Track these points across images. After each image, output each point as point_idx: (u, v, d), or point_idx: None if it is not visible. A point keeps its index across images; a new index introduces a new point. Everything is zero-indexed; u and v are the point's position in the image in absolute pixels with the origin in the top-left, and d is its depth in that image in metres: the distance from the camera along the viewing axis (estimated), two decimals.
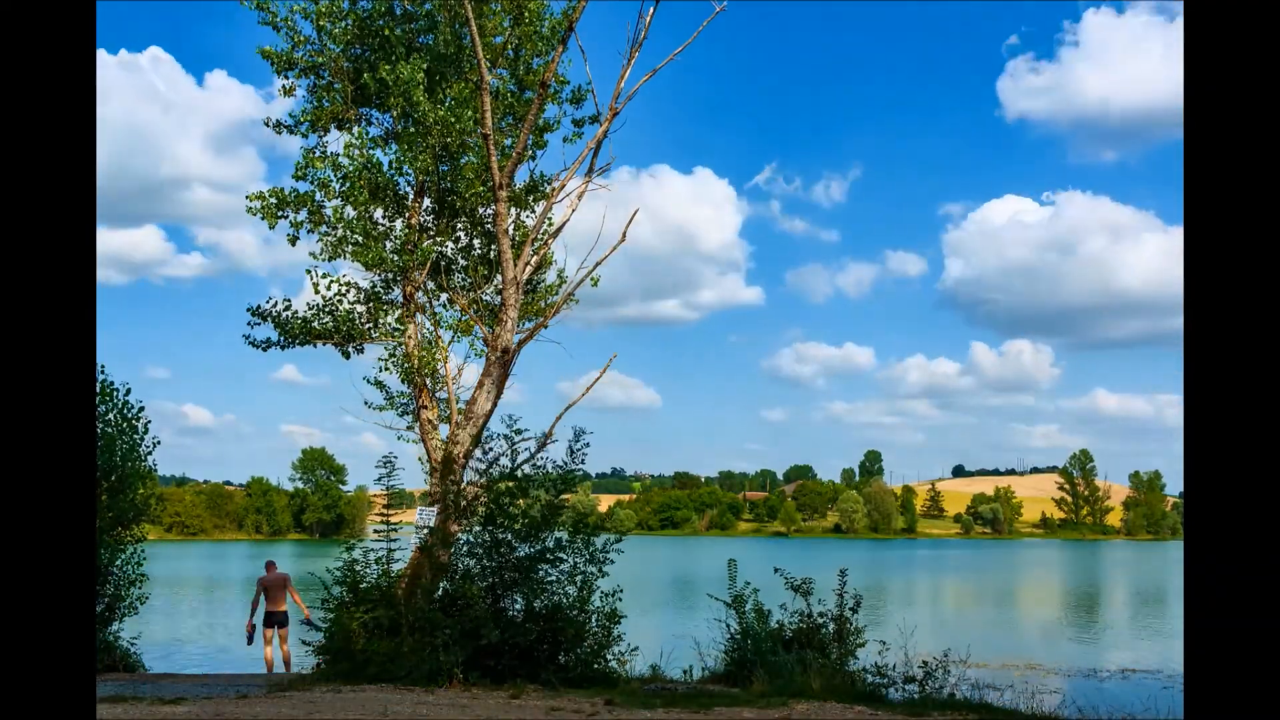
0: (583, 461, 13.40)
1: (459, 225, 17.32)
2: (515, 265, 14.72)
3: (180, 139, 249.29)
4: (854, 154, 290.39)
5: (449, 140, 15.49)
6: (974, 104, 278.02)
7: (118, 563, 16.54)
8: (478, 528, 12.99)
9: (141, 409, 17.35)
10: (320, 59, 16.39)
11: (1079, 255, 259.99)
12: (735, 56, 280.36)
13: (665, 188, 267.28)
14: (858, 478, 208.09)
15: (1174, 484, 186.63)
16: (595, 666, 12.26)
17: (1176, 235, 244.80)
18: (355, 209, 16.62)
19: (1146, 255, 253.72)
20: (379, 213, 16.87)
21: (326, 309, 17.03)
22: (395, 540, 13.28)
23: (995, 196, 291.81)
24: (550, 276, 17.42)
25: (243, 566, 72.97)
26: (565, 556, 12.73)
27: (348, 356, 17.20)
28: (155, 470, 18.05)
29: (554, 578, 12.65)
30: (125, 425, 17.15)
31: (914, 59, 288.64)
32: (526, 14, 16.14)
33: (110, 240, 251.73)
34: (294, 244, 17.00)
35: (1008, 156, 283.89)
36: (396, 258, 16.38)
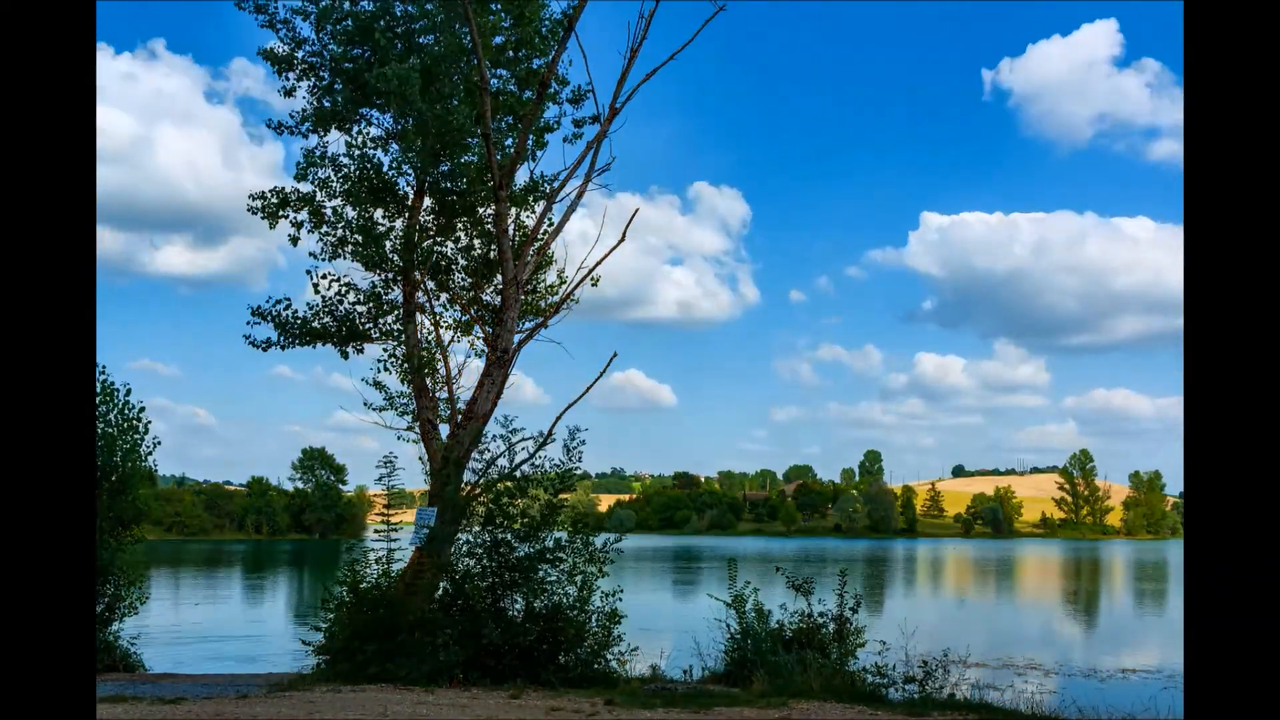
0: (579, 460, 13.43)
1: (459, 225, 17.32)
2: (515, 265, 14.72)
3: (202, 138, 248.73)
4: (851, 158, 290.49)
5: (447, 139, 15.48)
6: (966, 108, 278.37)
7: (118, 563, 16.54)
8: (477, 528, 13.00)
9: (142, 409, 17.35)
10: (320, 59, 16.40)
11: (1072, 258, 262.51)
12: (729, 61, 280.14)
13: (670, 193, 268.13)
14: (858, 478, 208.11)
15: (1174, 484, 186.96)
16: (595, 666, 12.27)
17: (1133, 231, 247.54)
18: (355, 209, 16.63)
19: (1140, 256, 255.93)
20: (379, 213, 16.87)
21: (326, 309, 17.03)
22: (395, 540, 13.29)
23: (992, 199, 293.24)
24: (550, 276, 17.43)
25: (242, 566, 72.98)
26: (565, 556, 12.74)
27: (346, 357, 17.20)
28: (156, 470, 18.03)
29: (554, 578, 12.65)
30: (126, 425, 17.14)
31: (902, 61, 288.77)
32: (526, 14, 16.13)
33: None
34: (295, 244, 17.02)
35: (997, 163, 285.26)
36: (396, 258, 16.37)
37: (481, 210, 17.08)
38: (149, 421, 17.42)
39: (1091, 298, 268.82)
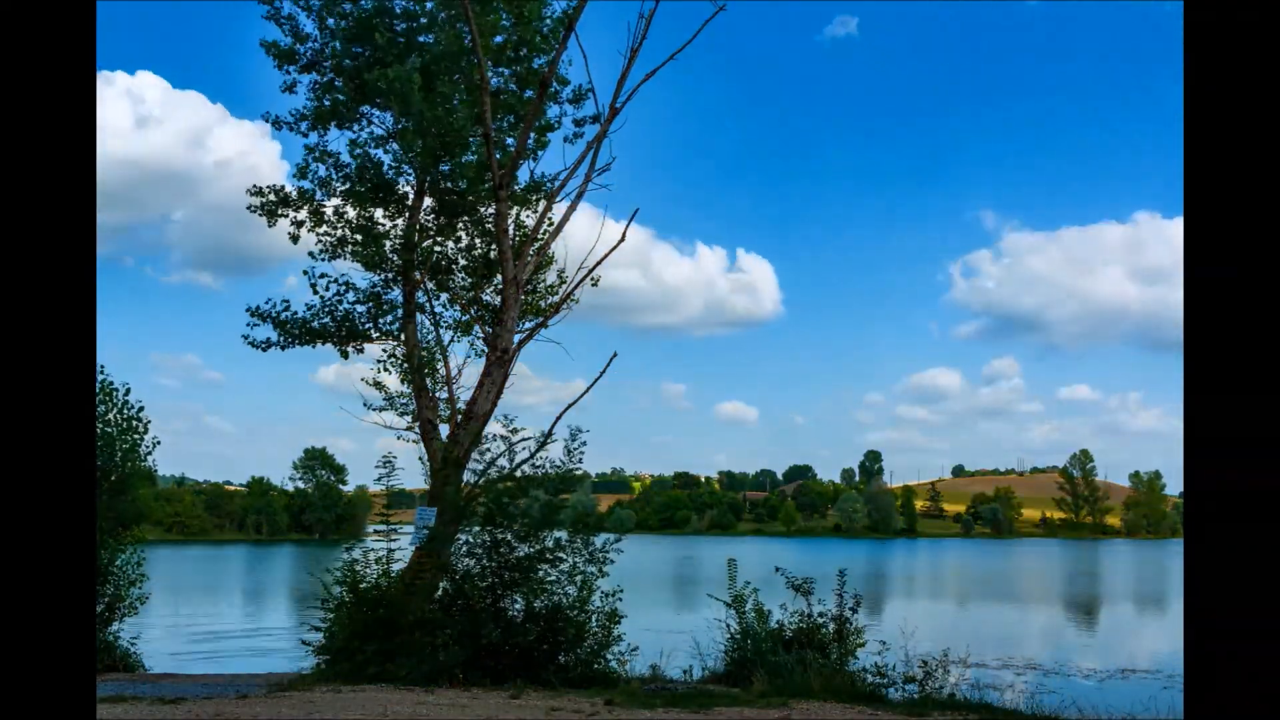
0: (580, 460, 13.44)
1: (459, 225, 17.31)
2: (515, 265, 14.71)
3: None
4: (857, 167, 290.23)
5: (447, 139, 15.48)
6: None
7: (118, 563, 16.54)
8: (477, 528, 12.99)
9: (141, 409, 17.34)
10: (322, 56, 16.39)
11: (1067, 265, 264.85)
12: (734, 63, 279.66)
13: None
14: (858, 478, 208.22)
15: (1174, 484, 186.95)
16: (595, 666, 12.26)
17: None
18: (355, 208, 16.64)
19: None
20: (379, 212, 16.87)
21: (326, 309, 17.03)
22: (395, 540, 13.28)
23: (988, 206, 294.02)
24: (550, 276, 17.42)
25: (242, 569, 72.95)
26: (565, 556, 12.74)
27: (346, 357, 17.22)
28: (155, 470, 18.05)
29: (554, 578, 12.65)
30: (125, 425, 17.14)
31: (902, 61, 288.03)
32: (526, 13, 16.12)
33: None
34: (295, 242, 17.02)
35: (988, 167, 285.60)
36: (396, 257, 16.37)
37: (481, 210, 17.07)
38: (149, 421, 17.44)
39: (1093, 298, 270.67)
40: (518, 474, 13.50)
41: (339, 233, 16.82)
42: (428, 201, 17.05)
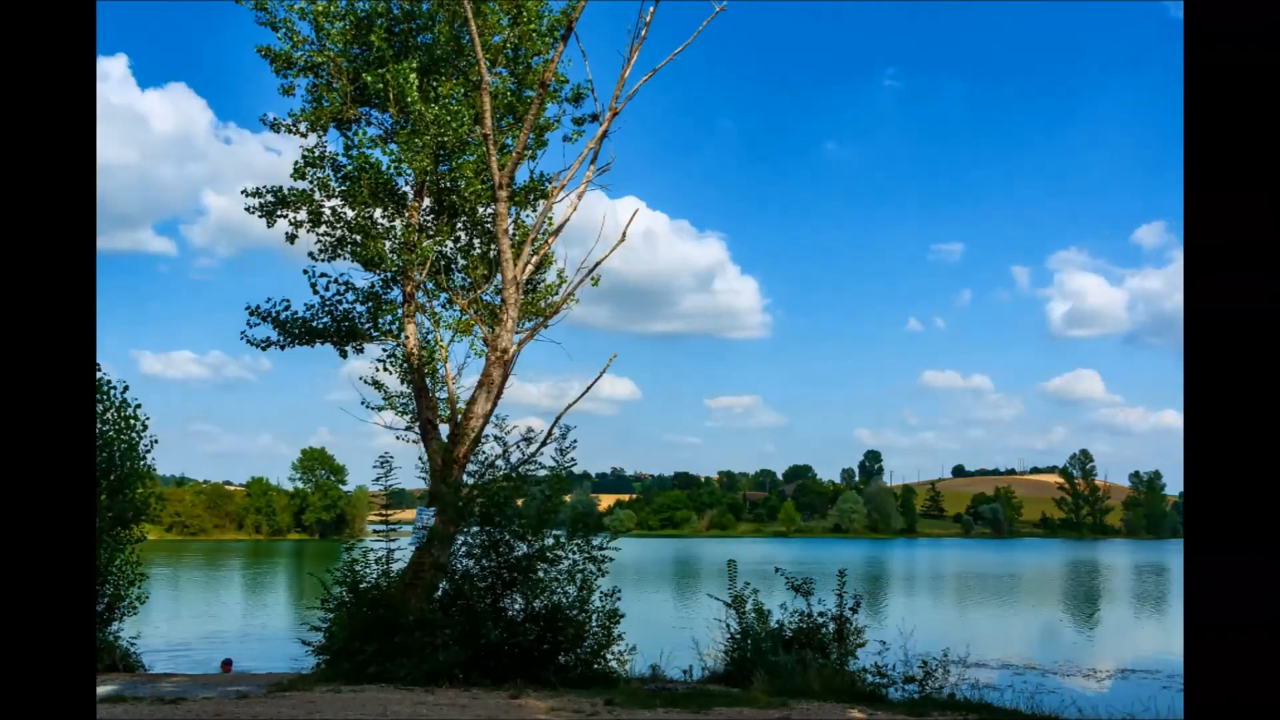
0: (573, 461, 13.49)
1: (459, 225, 17.31)
2: (515, 265, 14.71)
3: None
4: (854, 175, 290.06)
5: (446, 139, 15.48)
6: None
7: (117, 563, 16.52)
8: (475, 528, 13.00)
9: (138, 407, 17.31)
10: (319, 58, 16.36)
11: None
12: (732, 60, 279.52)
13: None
14: (857, 478, 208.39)
15: (1174, 484, 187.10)
16: (595, 666, 12.26)
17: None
18: (354, 209, 16.63)
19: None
20: (378, 212, 16.87)
21: (325, 309, 17.02)
22: (395, 540, 13.29)
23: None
24: (550, 276, 17.42)
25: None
26: (564, 555, 12.74)
27: (345, 356, 17.22)
28: (154, 469, 18.02)
29: (553, 577, 12.65)
30: (123, 424, 17.10)
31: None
32: (525, 13, 16.12)
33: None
34: (292, 242, 17.02)
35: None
36: (395, 257, 16.37)
37: (481, 210, 17.07)
38: (147, 418, 17.41)
39: (1096, 297, 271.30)
40: (513, 475, 13.52)
41: (338, 233, 16.82)
42: (426, 201, 17.05)
